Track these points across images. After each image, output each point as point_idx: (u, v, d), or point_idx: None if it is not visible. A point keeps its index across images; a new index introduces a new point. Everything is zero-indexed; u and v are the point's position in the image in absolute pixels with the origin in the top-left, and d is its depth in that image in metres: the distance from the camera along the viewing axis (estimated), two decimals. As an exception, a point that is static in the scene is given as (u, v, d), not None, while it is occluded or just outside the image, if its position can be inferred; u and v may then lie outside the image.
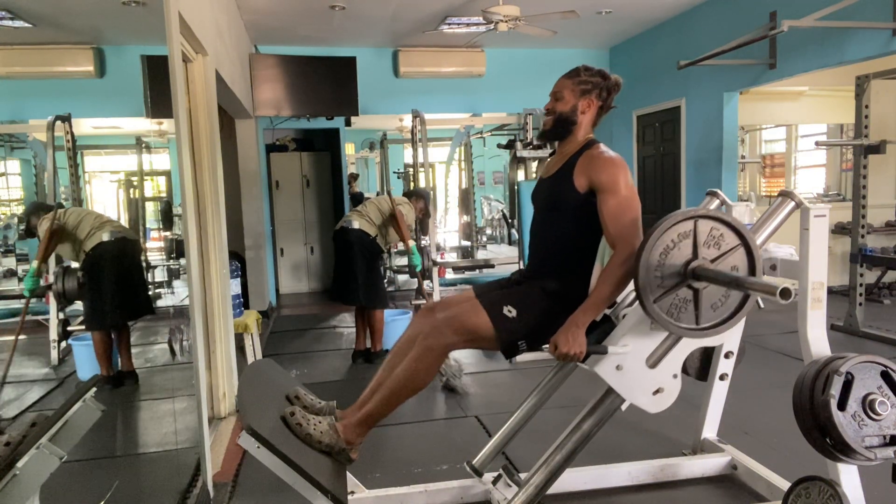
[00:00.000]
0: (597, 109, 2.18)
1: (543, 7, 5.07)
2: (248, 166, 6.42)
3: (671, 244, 1.79)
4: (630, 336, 1.95)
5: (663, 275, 1.79)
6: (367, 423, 2.07)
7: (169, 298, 6.47)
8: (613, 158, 2.04)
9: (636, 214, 1.99)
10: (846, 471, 2.04)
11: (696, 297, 1.81)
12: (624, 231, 1.95)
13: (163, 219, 6.75)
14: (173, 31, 2.53)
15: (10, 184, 6.68)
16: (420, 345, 2.01)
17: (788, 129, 8.51)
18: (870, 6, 4.21)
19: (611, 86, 2.17)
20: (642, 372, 1.96)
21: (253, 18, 5.74)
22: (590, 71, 2.17)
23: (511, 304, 2.05)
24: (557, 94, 2.17)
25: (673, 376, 1.96)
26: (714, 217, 1.81)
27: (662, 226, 1.78)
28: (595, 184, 2.01)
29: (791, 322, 2.39)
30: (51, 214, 3.91)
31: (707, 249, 1.80)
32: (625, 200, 1.98)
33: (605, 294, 1.95)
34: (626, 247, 1.93)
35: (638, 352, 1.95)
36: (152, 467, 3.14)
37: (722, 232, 1.81)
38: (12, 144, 6.51)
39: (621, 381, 1.96)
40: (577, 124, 2.15)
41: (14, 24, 4.95)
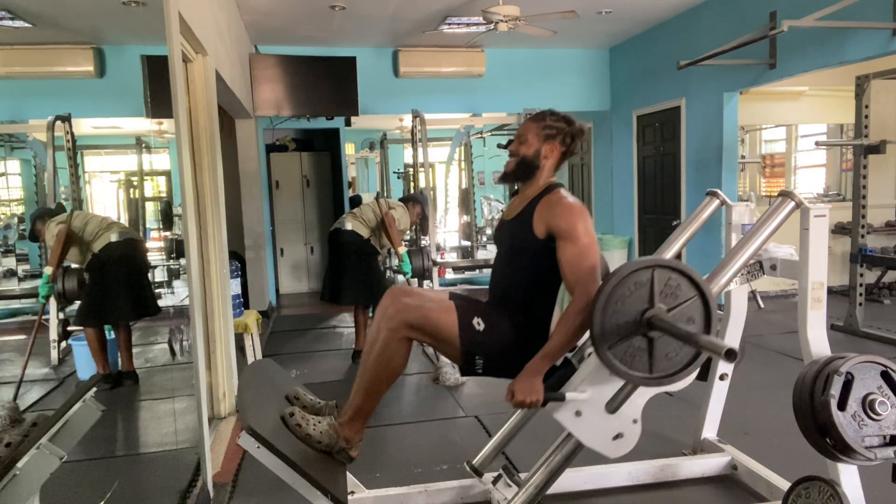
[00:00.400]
0: (559, 155, 2.16)
1: (543, 7, 5.06)
2: (248, 166, 6.42)
3: (627, 292, 1.77)
4: (589, 382, 1.93)
5: (619, 323, 1.77)
6: (358, 417, 2.07)
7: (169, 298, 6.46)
8: (573, 205, 2.03)
9: (594, 262, 1.97)
10: (846, 471, 2.04)
11: (650, 346, 1.79)
12: (581, 279, 1.94)
13: (163, 219, 6.74)
14: (173, 31, 2.53)
15: (10, 184, 6.67)
16: (384, 329, 2.01)
17: (788, 129, 8.50)
18: (870, 6, 4.21)
19: (575, 132, 2.15)
20: (602, 418, 1.94)
21: (253, 18, 5.74)
22: (555, 116, 2.16)
23: (481, 318, 2.04)
24: (522, 138, 2.16)
25: (633, 421, 1.94)
26: (671, 267, 1.79)
27: (619, 273, 1.77)
28: (554, 230, 2.00)
29: (791, 322, 2.39)
30: (60, 218, 3.97)
31: (664, 299, 1.78)
32: (583, 248, 1.96)
33: (562, 342, 1.94)
34: (582, 295, 1.92)
35: (597, 398, 1.93)
36: (152, 467, 3.14)
37: (679, 282, 1.79)
38: (12, 144, 6.50)
39: (580, 428, 1.94)
40: (540, 168, 2.14)
41: (14, 24, 4.94)
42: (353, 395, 2.10)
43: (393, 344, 2.00)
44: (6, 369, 4.59)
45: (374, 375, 2.04)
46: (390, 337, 2.00)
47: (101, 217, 4.14)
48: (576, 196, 2.10)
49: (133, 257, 4.15)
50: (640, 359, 1.80)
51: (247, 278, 6.26)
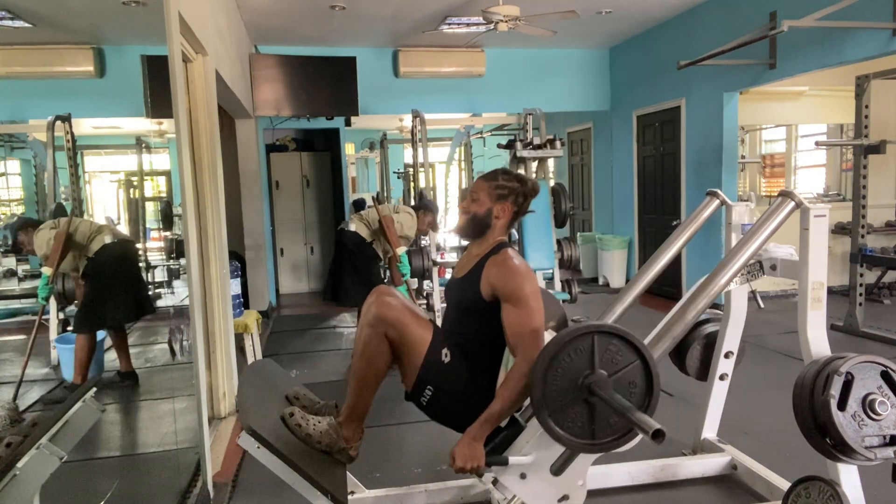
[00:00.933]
0: (511, 214, 2.15)
1: (543, 7, 5.07)
2: (248, 166, 6.42)
3: (569, 358, 1.75)
4: (533, 444, 1.91)
5: (559, 389, 1.75)
6: (354, 416, 2.08)
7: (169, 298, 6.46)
8: (518, 267, 2.01)
9: (537, 325, 1.96)
10: (846, 471, 2.04)
11: (591, 411, 1.76)
12: (524, 342, 1.93)
13: (163, 219, 6.74)
14: (173, 31, 2.53)
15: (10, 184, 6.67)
16: (365, 327, 2.02)
17: (788, 129, 8.50)
18: (870, 6, 4.21)
19: (527, 191, 2.15)
20: (547, 481, 1.91)
21: (253, 18, 5.74)
22: (508, 176, 2.15)
23: (451, 353, 2.04)
24: (474, 195, 2.15)
25: (579, 484, 1.93)
26: (612, 332, 1.77)
27: (560, 339, 1.75)
28: (498, 292, 1.99)
29: (791, 322, 2.39)
30: (50, 224, 3.92)
31: (605, 364, 1.76)
32: (527, 311, 1.95)
33: (504, 407, 1.92)
34: (524, 360, 1.90)
35: (541, 460, 1.91)
36: (152, 467, 3.14)
37: (619, 347, 1.77)
38: (12, 144, 6.50)
39: (525, 490, 1.93)
40: (491, 227, 2.13)
41: (14, 24, 4.94)
42: (347, 395, 2.11)
43: (374, 340, 2.00)
44: (6, 369, 4.58)
45: (361, 373, 2.05)
46: (371, 333, 2.00)
47: (89, 221, 4.13)
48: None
49: (129, 258, 4.15)
50: (581, 424, 1.77)
51: (247, 278, 6.25)
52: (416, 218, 4.69)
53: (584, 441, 1.78)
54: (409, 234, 4.69)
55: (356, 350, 2.07)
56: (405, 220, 4.61)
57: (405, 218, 4.61)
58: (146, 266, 6.41)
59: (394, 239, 4.52)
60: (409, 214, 4.66)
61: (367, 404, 2.09)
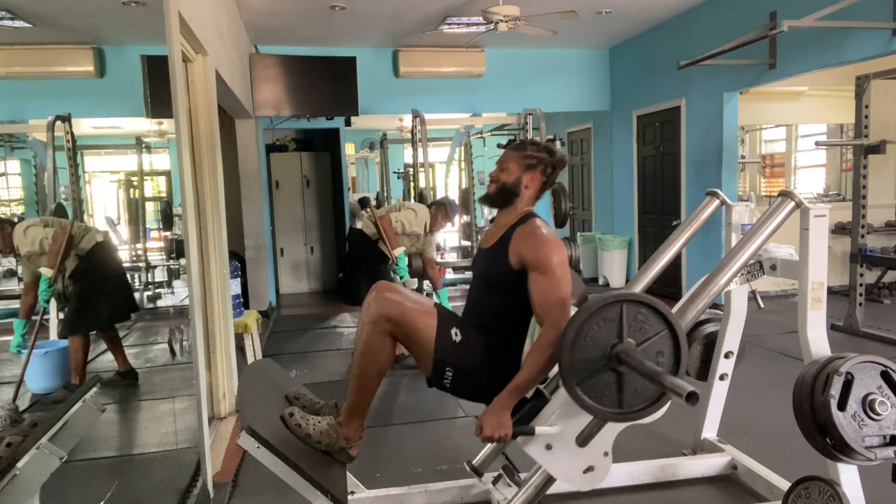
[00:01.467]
0: (540, 184, 2.17)
1: (543, 7, 5.07)
2: (248, 166, 6.42)
3: (597, 327, 1.76)
4: (559, 415, 1.92)
5: (587, 358, 1.76)
6: (354, 415, 2.08)
7: (169, 298, 6.47)
8: (546, 237, 2.02)
9: (564, 295, 1.96)
10: (846, 471, 2.04)
11: (619, 381, 1.77)
12: (551, 312, 1.94)
13: (163, 219, 6.74)
14: (173, 31, 2.53)
15: (10, 184, 6.67)
16: (366, 325, 2.01)
17: (788, 129, 8.50)
18: (870, 6, 4.21)
19: (556, 162, 2.16)
20: (572, 451, 1.92)
21: (253, 18, 5.74)
22: (536, 146, 2.17)
23: (460, 330, 2.04)
24: (503, 165, 2.17)
25: (604, 454, 1.94)
26: (640, 301, 1.78)
27: (589, 308, 1.76)
28: (526, 262, 2.00)
29: (791, 322, 2.39)
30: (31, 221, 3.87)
31: (633, 333, 1.77)
32: (554, 280, 1.96)
33: (531, 376, 1.93)
34: (551, 328, 1.91)
35: (567, 431, 1.92)
36: (152, 467, 3.14)
37: (647, 317, 1.78)
38: (12, 144, 6.51)
39: (551, 461, 1.93)
40: (519, 196, 2.15)
41: (14, 24, 4.94)
42: (347, 394, 2.11)
43: (376, 338, 2.00)
44: (6, 369, 4.58)
45: (361, 371, 2.04)
46: (372, 331, 2.00)
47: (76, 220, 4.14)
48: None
49: (116, 258, 4.14)
50: (609, 394, 1.78)
51: (247, 278, 6.25)
52: (427, 213, 4.59)
53: (611, 410, 1.79)
54: (416, 231, 4.57)
55: (357, 349, 2.07)
56: (407, 216, 4.51)
57: (407, 215, 4.52)
58: (146, 266, 6.42)
59: (390, 239, 4.46)
60: (413, 211, 4.57)
61: (367, 403, 2.09)
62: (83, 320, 3.95)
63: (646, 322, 1.78)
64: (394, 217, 4.50)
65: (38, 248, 3.78)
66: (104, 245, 3.98)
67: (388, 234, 4.46)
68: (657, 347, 1.79)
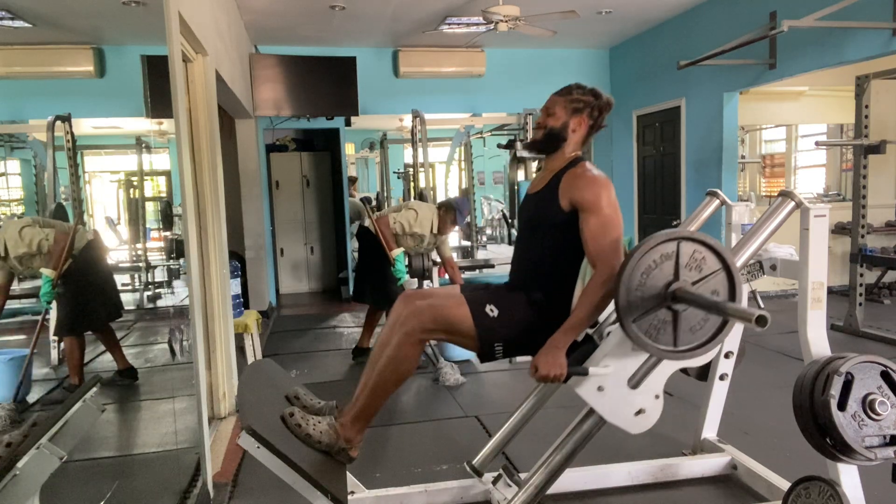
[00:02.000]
0: (587, 128, 2.16)
1: (543, 7, 5.06)
2: (248, 166, 6.42)
3: (653, 265, 1.78)
4: (611, 357, 1.93)
5: (644, 295, 1.77)
6: (361, 418, 2.08)
7: (169, 298, 6.47)
8: (597, 177, 2.04)
9: (617, 235, 1.97)
10: (846, 471, 2.04)
11: (675, 319, 1.79)
12: (604, 251, 1.95)
13: (163, 219, 6.74)
14: (173, 31, 2.53)
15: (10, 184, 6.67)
16: (399, 332, 2.02)
17: (788, 129, 8.51)
18: (870, 6, 4.21)
19: (602, 105, 2.15)
20: (624, 393, 1.94)
21: (253, 18, 5.74)
22: (582, 90, 2.15)
23: (494, 304, 2.04)
24: (549, 110, 2.15)
25: (655, 397, 1.95)
26: (697, 240, 1.80)
27: (645, 246, 1.77)
28: (577, 203, 2.01)
29: (791, 322, 2.39)
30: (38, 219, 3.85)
31: (688, 272, 1.79)
32: (606, 220, 1.97)
33: (585, 315, 1.94)
34: (605, 267, 1.92)
35: (619, 372, 1.93)
36: (152, 467, 3.14)
37: (704, 255, 1.80)
38: (12, 144, 6.50)
39: (602, 403, 1.95)
40: (567, 141, 2.14)
41: (14, 24, 4.94)
42: (357, 396, 2.10)
43: (406, 347, 2.01)
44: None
45: (382, 377, 2.04)
46: (404, 340, 2.00)
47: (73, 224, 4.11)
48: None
49: (104, 256, 4.14)
50: (665, 332, 1.80)
51: (247, 278, 6.25)
52: (431, 213, 4.51)
53: (666, 348, 1.81)
54: (418, 231, 4.49)
55: (381, 353, 2.07)
56: (407, 217, 4.44)
57: (408, 216, 4.45)
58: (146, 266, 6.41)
59: (386, 240, 4.41)
60: (414, 211, 4.50)
61: (377, 409, 2.09)
62: (80, 320, 3.92)
63: (702, 261, 1.80)
64: (393, 218, 4.46)
65: (34, 250, 3.74)
66: (94, 244, 3.96)
67: (385, 235, 4.42)
68: (712, 287, 1.81)
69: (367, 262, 4.64)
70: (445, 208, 4.63)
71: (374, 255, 4.54)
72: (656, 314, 1.79)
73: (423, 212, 4.53)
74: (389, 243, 4.44)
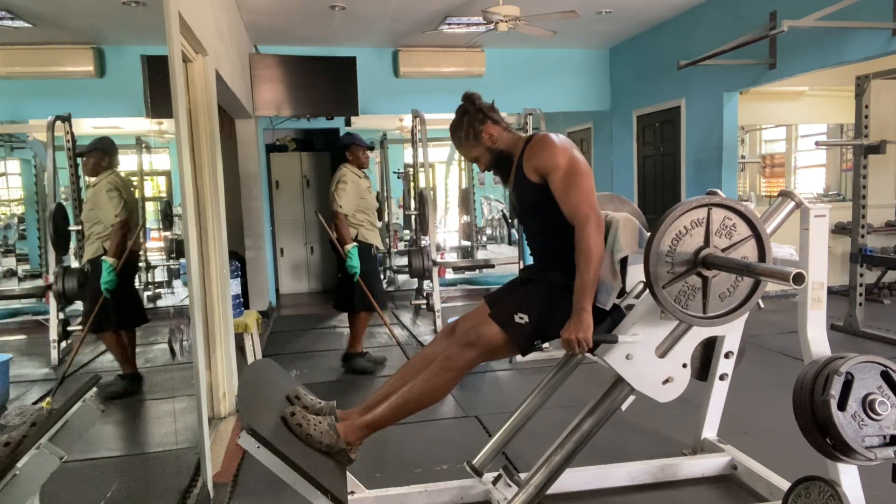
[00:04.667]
0: (493, 124, 2.21)
1: (543, 7, 5.06)
2: (248, 166, 6.42)
3: (683, 231, 1.79)
4: (640, 325, 1.95)
5: (674, 261, 1.79)
6: (372, 427, 2.09)
7: (169, 298, 6.47)
8: (547, 139, 2.07)
9: (584, 184, 1.98)
10: (846, 471, 2.04)
11: (704, 285, 1.81)
12: (574, 203, 1.98)
13: (163, 219, 6.75)
14: (173, 31, 2.52)
15: (10, 184, 6.67)
16: (441, 361, 2.04)
17: (788, 129, 8.51)
18: (870, 6, 4.21)
19: (469, 103, 2.24)
20: (652, 361, 1.96)
21: (253, 18, 5.74)
22: (458, 122, 2.26)
23: (521, 311, 2.06)
24: (470, 160, 2.29)
25: (682, 366, 1.98)
26: (728, 206, 1.81)
27: (676, 212, 1.78)
28: (539, 170, 2.05)
29: (791, 322, 2.39)
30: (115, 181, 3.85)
31: (719, 238, 1.80)
32: (567, 173, 1.99)
33: (588, 274, 1.95)
34: (582, 219, 1.95)
35: (647, 341, 1.95)
36: (152, 467, 3.14)
37: (735, 221, 1.81)
38: (12, 144, 6.50)
39: (631, 371, 1.96)
40: (503, 150, 2.21)
41: (14, 24, 4.94)
42: (372, 406, 2.11)
43: (447, 374, 2.04)
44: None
45: (412, 397, 2.06)
46: (445, 369, 2.04)
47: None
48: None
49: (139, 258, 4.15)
50: (694, 299, 1.82)
51: (247, 278, 6.25)
52: (345, 169, 4.29)
53: (696, 314, 1.82)
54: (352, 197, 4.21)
55: (418, 371, 2.09)
56: (346, 190, 4.19)
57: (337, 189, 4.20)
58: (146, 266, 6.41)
59: (341, 232, 4.23)
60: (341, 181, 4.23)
61: (393, 423, 2.12)
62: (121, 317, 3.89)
63: (732, 228, 1.81)
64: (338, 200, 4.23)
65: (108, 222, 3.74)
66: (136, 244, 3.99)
67: (339, 224, 4.23)
68: (742, 253, 1.82)
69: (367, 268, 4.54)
70: (348, 147, 4.36)
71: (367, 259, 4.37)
72: (686, 280, 1.80)
73: (349, 168, 4.31)
74: (343, 236, 4.22)
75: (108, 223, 3.76)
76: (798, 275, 1.53)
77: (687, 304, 1.80)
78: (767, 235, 1.84)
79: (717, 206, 1.80)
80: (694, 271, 1.79)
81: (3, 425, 1.53)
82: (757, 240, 1.82)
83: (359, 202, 4.30)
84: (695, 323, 1.85)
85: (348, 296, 4.39)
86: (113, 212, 3.78)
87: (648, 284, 1.80)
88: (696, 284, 1.80)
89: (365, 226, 4.37)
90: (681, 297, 1.80)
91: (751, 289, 1.83)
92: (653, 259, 1.77)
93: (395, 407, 2.06)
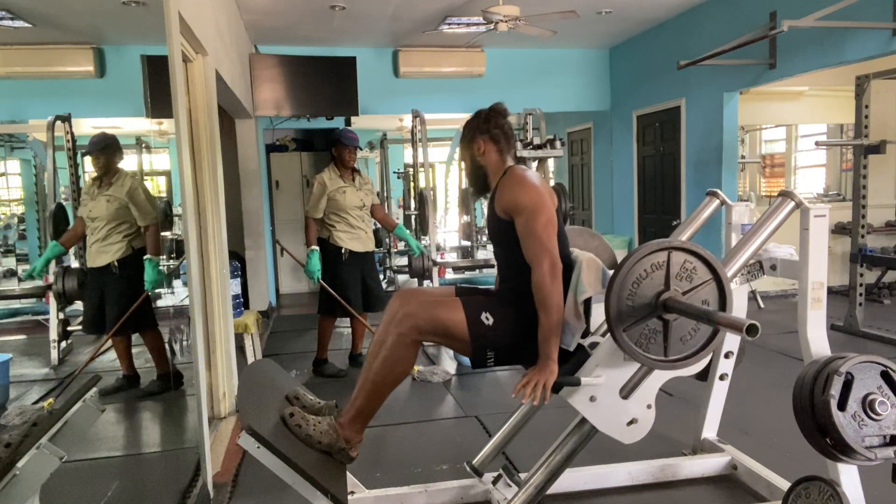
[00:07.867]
0: (492, 143, 2.20)
1: (543, 7, 5.07)
2: (248, 166, 6.42)
3: (644, 274, 1.78)
4: (603, 366, 1.94)
5: (634, 305, 1.78)
6: (359, 419, 2.08)
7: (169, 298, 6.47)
8: (518, 179, 2.06)
9: (539, 223, 1.97)
10: (846, 471, 2.04)
11: (665, 328, 1.80)
12: (533, 245, 1.97)
13: (163, 219, 6.75)
14: (173, 31, 2.52)
15: (10, 184, 6.68)
16: (393, 332, 2.02)
17: (788, 129, 8.50)
18: (870, 6, 4.21)
19: (486, 116, 2.22)
20: (616, 403, 1.95)
21: (253, 18, 5.74)
22: (470, 120, 2.26)
23: (490, 312, 2.05)
24: (460, 160, 2.35)
25: (647, 407, 1.96)
26: (687, 250, 1.80)
27: (636, 255, 1.78)
28: (506, 211, 2.05)
29: (791, 322, 2.39)
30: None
31: (679, 282, 1.79)
32: (528, 216, 1.98)
33: (551, 318, 1.93)
34: (538, 262, 1.95)
35: (611, 382, 1.94)
36: (152, 467, 3.14)
37: (695, 265, 1.80)
38: (12, 144, 6.50)
39: (595, 413, 1.95)
40: (486, 167, 2.22)
41: (14, 24, 4.94)
42: (355, 397, 2.10)
43: (401, 348, 2.01)
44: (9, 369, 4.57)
45: (378, 378, 2.05)
46: (399, 341, 2.01)
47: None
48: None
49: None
50: (655, 342, 1.81)
51: (247, 278, 6.25)
52: (326, 169, 4.23)
53: (657, 358, 1.81)
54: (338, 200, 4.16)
55: (375, 352, 2.08)
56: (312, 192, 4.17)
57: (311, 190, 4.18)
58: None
59: (305, 237, 4.22)
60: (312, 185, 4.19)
61: (376, 409, 2.10)
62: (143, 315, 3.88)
63: (692, 271, 1.81)
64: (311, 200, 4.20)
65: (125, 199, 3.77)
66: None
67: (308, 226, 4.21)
68: (702, 296, 1.82)
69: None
70: (332, 145, 4.27)
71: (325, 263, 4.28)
72: (647, 324, 1.79)
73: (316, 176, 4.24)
74: (307, 239, 4.19)
75: (147, 222, 3.79)
76: (751, 326, 1.53)
77: (648, 347, 1.79)
78: (727, 279, 1.83)
79: (677, 249, 1.79)
80: (654, 314, 1.78)
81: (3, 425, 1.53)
82: (717, 283, 1.81)
83: (329, 203, 4.16)
84: (655, 366, 1.85)
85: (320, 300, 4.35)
86: (153, 211, 3.84)
87: (609, 327, 1.79)
88: (657, 328, 1.80)
89: (337, 228, 4.22)
90: (642, 341, 1.79)
91: (711, 333, 1.83)
92: (613, 302, 1.76)
93: (369, 392, 2.06)
